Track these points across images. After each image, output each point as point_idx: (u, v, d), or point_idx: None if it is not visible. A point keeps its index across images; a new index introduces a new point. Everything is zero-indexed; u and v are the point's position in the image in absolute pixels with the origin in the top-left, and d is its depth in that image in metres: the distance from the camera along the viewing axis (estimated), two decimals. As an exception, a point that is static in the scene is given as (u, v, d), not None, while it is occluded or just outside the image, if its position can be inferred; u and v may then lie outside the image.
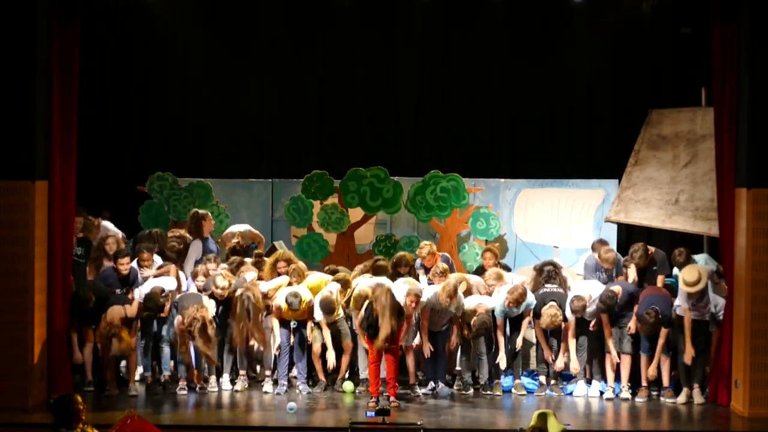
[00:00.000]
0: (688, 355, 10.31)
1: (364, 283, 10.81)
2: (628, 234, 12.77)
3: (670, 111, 12.44)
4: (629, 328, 10.62)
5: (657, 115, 12.52)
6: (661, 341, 10.43)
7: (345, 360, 10.92)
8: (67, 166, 10.28)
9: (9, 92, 10.02)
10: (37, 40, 10.04)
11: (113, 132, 13.94)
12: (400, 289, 10.44)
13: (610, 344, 10.57)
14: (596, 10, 13.34)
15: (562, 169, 13.54)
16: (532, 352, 11.27)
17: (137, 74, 14.04)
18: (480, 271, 11.60)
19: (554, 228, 12.71)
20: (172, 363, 11.15)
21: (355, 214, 12.83)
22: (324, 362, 10.85)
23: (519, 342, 10.84)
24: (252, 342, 10.82)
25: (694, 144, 11.98)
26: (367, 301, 10.25)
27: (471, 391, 10.82)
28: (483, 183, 13.17)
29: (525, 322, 10.87)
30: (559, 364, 10.82)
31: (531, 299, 10.79)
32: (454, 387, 10.90)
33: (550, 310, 10.57)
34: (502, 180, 13.26)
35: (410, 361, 10.80)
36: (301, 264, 11.23)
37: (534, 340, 11.13)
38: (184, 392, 10.65)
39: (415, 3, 13.65)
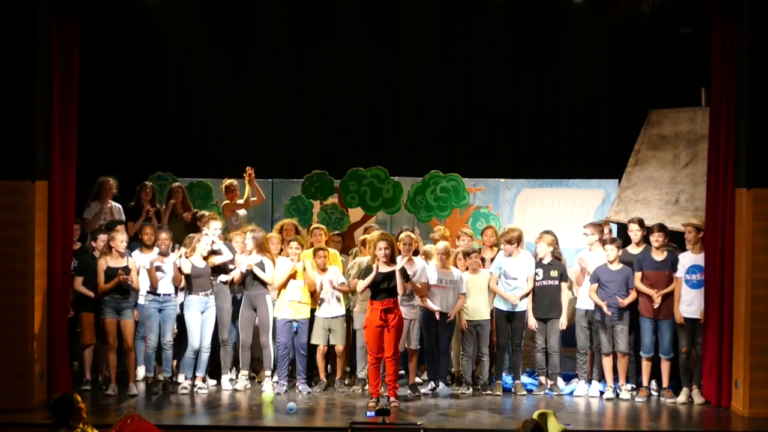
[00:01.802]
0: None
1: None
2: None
3: (670, 111, 12.43)
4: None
5: (657, 115, 12.52)
6: None
7: (339, 362, 10.97)
8: (67, 166, 10.28)
9: (9, 92, 10.02)
10: (38, 40, 10.05)
11: (113, 132, 13.94)
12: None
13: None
14: (596, 10, 13.35)
15: (562, 169, 13.54)
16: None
17: (137, 74, 14.03)
18: (470, 251, 11.40)
19: (554, 228, 12.69)
20: (173, 363, 11.20)
21: (355, 214, 12.83)
22: (327, 362, 10.93)
23: (564, 323, 10.90)
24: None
25: (694, 144, 11.97)
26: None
27: (471, 390, 10.82)
28: (483, 183, 13.17)
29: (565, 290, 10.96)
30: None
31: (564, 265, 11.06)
32: (454, 387, 10.91)
33: None
34: (502, 180, 13.26)
35: (412, 361, 10.80)
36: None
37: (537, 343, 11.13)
38: (185, 392, 10.67)
39: (415, 3, 13.65)
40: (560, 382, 10.98)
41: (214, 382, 10.95)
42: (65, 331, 10.40)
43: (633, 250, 10.93)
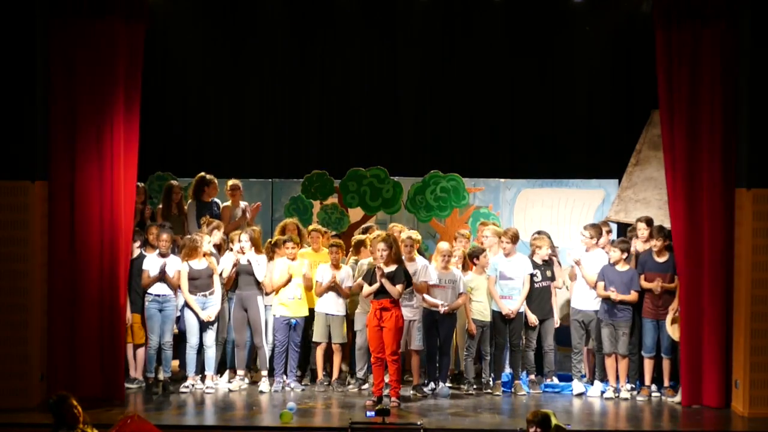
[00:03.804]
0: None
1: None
2: (626, 233, 12.77)
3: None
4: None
5: (659, 115, 12.51)
6: None
7: (336, 360, 10.98)
8: (129, 160, 10.36)
9: (8, 92, 10.02)
10: (37, 38, 10.05)
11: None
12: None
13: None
14: (596, 10, 13.33)
15: (562, 169, 13.54)
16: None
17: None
18: (478, 251, 11.40)
19: (554, 228, 12.70)
20: (173, 363, 11.22)
21: (355, 214, 12.83)
22: (326, 361, 11.00)
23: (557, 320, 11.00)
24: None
25: (694, 144, 11.96)
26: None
27: (471, 391, 10.82)
28: (483, 183, 13.17)
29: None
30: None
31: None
32: (455, 385, 10.92)
33: None
34: (502, 180, 13.25)
35: (415, 362, 10.82)
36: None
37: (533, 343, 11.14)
38: (185, 392, 10.68)
39: (415, 3, 13.65)
40: (555, 380, 11.03)
41: (226, 379, 11.02)
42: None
43: (640, 248, 10.95)
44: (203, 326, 10.78)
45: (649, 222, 10.95)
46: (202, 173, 11.95)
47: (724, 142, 10.25)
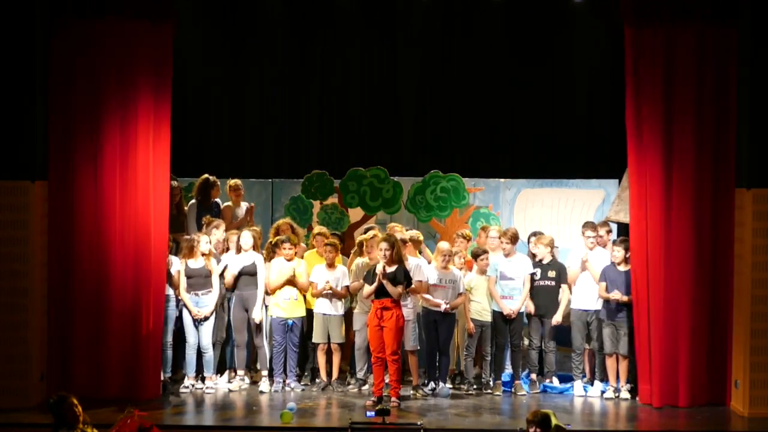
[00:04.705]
0: None
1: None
2: (628, 233, 12.76)
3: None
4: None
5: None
6: None
7: (336, 360, 10.98)
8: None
9: (8, 92, 10.03)
10: (37, 38, 10.06)
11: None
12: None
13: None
14: (596, 10, 13.33)
15: (562, 169, 13.54)
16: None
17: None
18: (480, 252, 11.39)
19: (554, 228, 12.70)
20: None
21: (355, 214, 12.83)
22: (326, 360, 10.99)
23: (558, 319, 10.96)
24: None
25: (694, 144, 11.96)
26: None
27: (471, 391, 10.82)
28: (483, 183, 13.17)
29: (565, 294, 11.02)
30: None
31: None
32: (455, 386, 10.92)
33: None
34: (502, 180, 13.25)
35: (412, 362, 10.82)
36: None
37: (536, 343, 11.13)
38: (185, 392, 10.67)
39: (415, 3, 13.65)
40: (555, 380, 11.02)
41: (226, 379, 11.03)
42: (153, 336, 10.42)
43: None
44: (199, 326, 10.77)
45: None
46: (206, 175, 11.92)
47: (696, 144, 10.25)
